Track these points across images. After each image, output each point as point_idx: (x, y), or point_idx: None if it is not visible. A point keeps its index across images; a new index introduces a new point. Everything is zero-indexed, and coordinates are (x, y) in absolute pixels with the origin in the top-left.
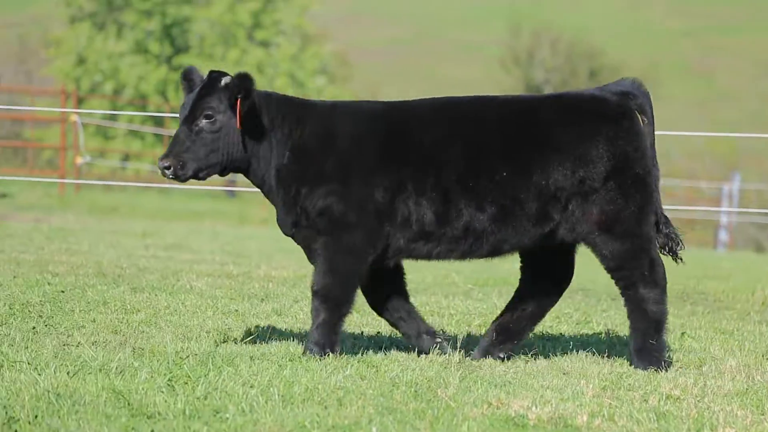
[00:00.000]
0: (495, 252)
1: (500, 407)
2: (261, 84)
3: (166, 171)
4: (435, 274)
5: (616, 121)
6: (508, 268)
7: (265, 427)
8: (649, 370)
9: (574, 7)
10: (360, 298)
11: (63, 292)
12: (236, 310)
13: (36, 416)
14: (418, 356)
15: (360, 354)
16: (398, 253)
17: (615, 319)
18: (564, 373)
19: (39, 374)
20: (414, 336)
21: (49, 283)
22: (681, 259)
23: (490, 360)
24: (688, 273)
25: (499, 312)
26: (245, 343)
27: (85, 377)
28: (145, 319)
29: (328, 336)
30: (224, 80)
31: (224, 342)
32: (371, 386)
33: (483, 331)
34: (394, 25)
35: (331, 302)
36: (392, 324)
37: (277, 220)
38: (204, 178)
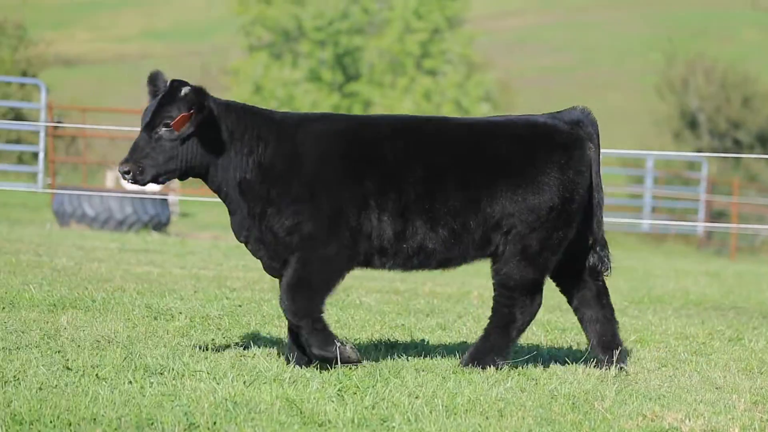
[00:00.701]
0: (441, 266)
1: (654, 420)
2: (428, 110)
3: (126, 175)
4: None
5: (567, 149)
6: (662, 285)
7: None
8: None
9: (729, 38)
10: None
11: (240, 306)
12: (403, 325)
13: (215, 422)
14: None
15: (520, 367)
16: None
17: (767, 335)
18: (716, 388)
19: (217, 383)
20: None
21: (227, 298)
22: (602, 281)
23: (645, 374)
24: None
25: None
26: (411, 356)
27: (261, 386)
28: None
29: (324, 341)
30: (184, 90)
31: (391, 355)
32: (530, 398)
33: (638, 347)
34: (555, 54)
35: (302, 316)
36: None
37: (232, 226)
38: (163, 183)
